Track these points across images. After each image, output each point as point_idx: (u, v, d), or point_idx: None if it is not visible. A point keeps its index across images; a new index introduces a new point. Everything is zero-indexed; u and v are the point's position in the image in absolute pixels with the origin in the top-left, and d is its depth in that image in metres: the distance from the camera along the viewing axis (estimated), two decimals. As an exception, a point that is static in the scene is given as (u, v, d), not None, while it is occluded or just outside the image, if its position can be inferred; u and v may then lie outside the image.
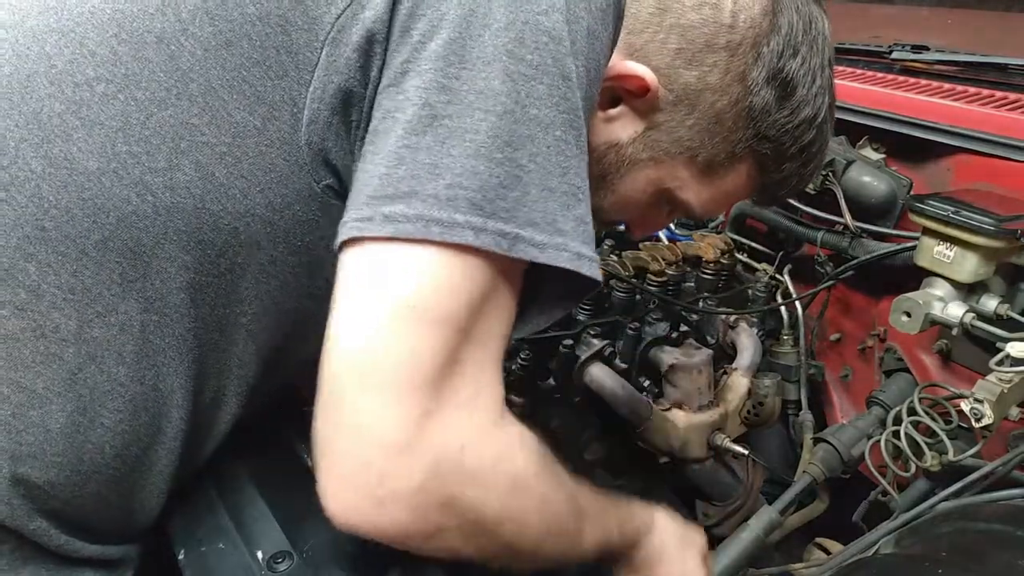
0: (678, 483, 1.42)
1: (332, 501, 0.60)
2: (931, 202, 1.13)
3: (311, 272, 0.72)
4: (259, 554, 0.80)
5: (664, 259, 1.41)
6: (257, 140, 0.64)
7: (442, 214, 0.56)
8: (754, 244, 1.64)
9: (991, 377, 1.01)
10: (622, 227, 1.74)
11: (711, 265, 1.47)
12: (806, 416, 1.42)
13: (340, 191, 0.67)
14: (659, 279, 1.39)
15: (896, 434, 1.08)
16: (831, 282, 1.44)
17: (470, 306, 0.58)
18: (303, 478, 0.92)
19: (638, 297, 1.39)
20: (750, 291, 1.52)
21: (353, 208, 0.59)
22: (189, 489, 0.89)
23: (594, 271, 0.63)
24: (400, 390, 0.56)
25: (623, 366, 1.31)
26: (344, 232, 0.59)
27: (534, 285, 0.66)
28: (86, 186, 0.62)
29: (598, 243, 1.69)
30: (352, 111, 0.64)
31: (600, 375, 1.26)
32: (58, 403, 0.65)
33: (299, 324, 0.75)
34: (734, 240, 1.58)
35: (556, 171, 0.61)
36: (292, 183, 0.66)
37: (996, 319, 1.13)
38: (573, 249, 0.61)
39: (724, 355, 1.45)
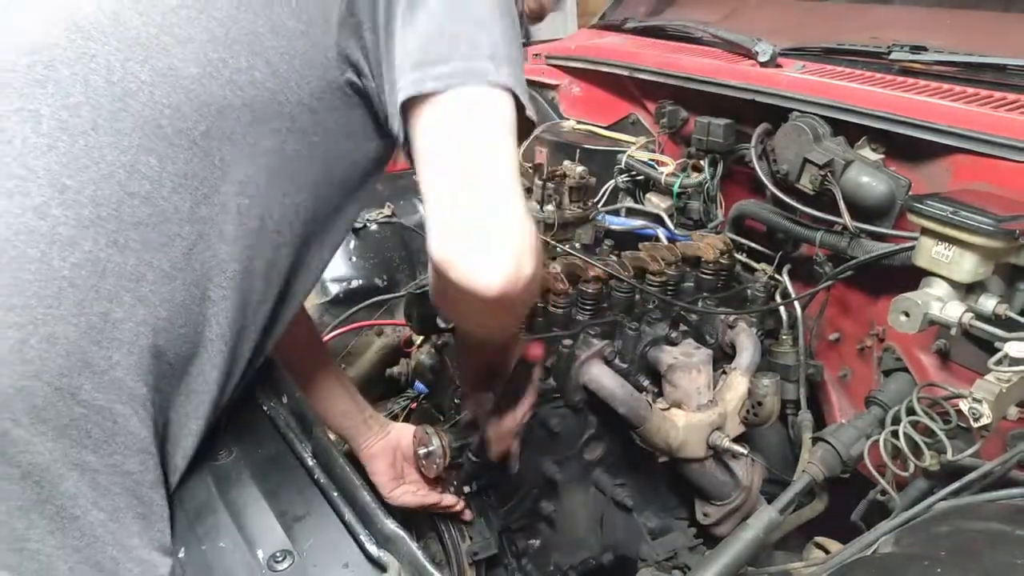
0: (677, 483, 1.43)
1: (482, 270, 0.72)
2: (930, 202, 1.14)
3: (335, 166, 0.87)
4: (259, 553, 0.80)
5: (663, 259, 1.41)
6: (303, 42, 0.79)
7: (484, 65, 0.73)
8: (753, 244, 1.64)
9: (989, 377, 1.02)
10: (618, 226, 1.74)
11: (710, 265, 1.47)
12: (805, 416, 1.42)
13: (358, 84, 0.83)
14: (659, 279, 1.39)
15: (895, 434, 1.08)
16: (830, 282, 1.44)
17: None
18: (303, 478, 0.93)
19: (638, 297, 1.39)
20: (749, 291, 1.52)
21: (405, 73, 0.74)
22: (190, 487, 0.89)
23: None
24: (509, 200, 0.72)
25: (623, 366, 1.31)
26: (411, 89, 0.73)
27: None
28: (191, 88, 0.76)
29: (597, 243, 1.70)
30: (363, 19, 0.79)
31: (599, 375, 1.26)
32: (180, 278, 0.77)
33: (320, 220, 0.90)
34: (733, 240, 1.58)
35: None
36: (327, 75, 0.81)
37: (995, 319, 1.14)
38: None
39: (723, 355, 1.45)
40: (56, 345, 0.70)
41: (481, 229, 0.71)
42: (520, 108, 0.76)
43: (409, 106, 0.75)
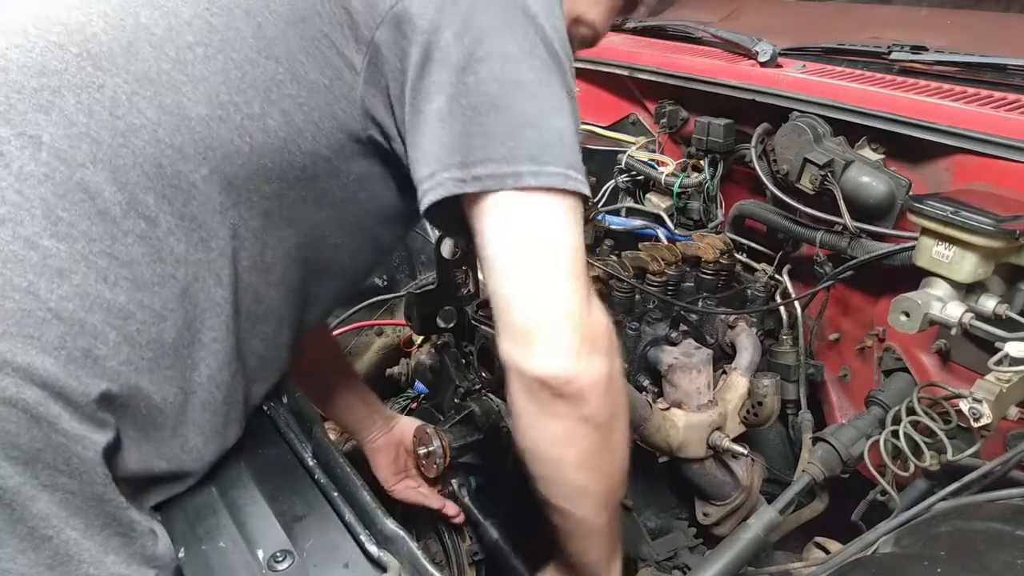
0: (678, 483, 1.43)
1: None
2: (930, 202, 1.13)
3: (347, 210, 0.86)
4: (260, 553, 0.80)
5: (663, 259, 1.41)
6: (326, 96, 0.78)
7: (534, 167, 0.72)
8: (753, 244, 1.64)
9: (990, 377, 1.02)
10: (618, 226, 1.74)
11: (710, 265, 1.47)
12: (805, 416, 1.42)
13: (383, 144, 0.82)
14: (659, 279, 1.39)
15: (895, 434, 1.08)
16: (830, 282, 1.44)
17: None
18: (303, 478, 0.93)
19: (638, 297, 1.39)
20: (749, 291, 1.52)
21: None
22: (189, 487, 0.89)
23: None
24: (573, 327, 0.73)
25: (623, 366, 1.31)
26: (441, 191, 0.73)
27: None
28: (196, 129, 0.74)
29: (597, 243, 1.70)
30: (391, 82, 0.77)
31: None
32: (171, 319, 0.76)
33: (326, 260, 0.89)
34: (733, 240, 1.58)
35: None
36: (347, 129, 0.80)
37: (995, 319, 1.13)
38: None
39: (723, 355, 1.45)
40: (34, 376, 0.68)
41: (551, 317, 0.72)
42: (583, 198, 0.75)
43: (447, 202, 0.74)
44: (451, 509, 1.29)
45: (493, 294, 0.75)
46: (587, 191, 0.75)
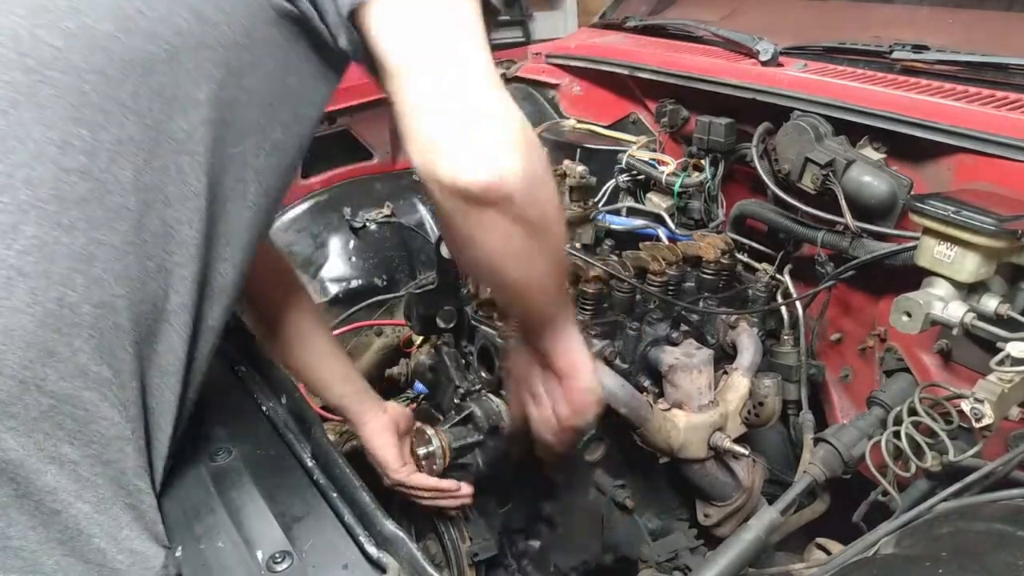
0: (678, 483, 1.42)
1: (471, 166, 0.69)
2: (932, 202, 1.13)
3: (278, 100, 0.83)
4: (258, 554, 0.80)
5: (664, 259, 1.41)
6: None
7: None
8: (754, 244, 1.64)
9: (991, 377, 1.01)
10: (618, 225, 1.74)
11: (711, 265, 1.46)
12: (806, 416, 1.42)
13: (292, 11, 0.78)
14: (659, 279, 1.39)
15: (896, 434, 1.08)
16: (831, 282, 1.44)
17: None
18: (302, 479, 0.93)
19: (638, 297, 1.39)
20: (750, 291, 1.51)
21: None
22: (188, 487, 0.89)
23: None
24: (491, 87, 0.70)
25: (623, 366, 1.31)
26: None
27: None
28: (108, 46, 0.70)
29: (597, 243, 1.69)
30: None
31: (600, 375, 1.25)
32: (133, 252, 0.74)
33: (275, 167, 0.86)
34: (734, 240, 1.58)
35: None
36: (258, 8, 0.77)
37: (996, 319, 1.13)
38: None
39: (724, 355, 1.45)
40: (13, 337, 0.67)
41: (457, 120, 0.68)
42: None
43: (357, 17, 0.72)
44: (466, 488, 1.24)
45: (398, 106, 0.71)
46: None
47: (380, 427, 1.21)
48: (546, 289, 0.87)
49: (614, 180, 1.86)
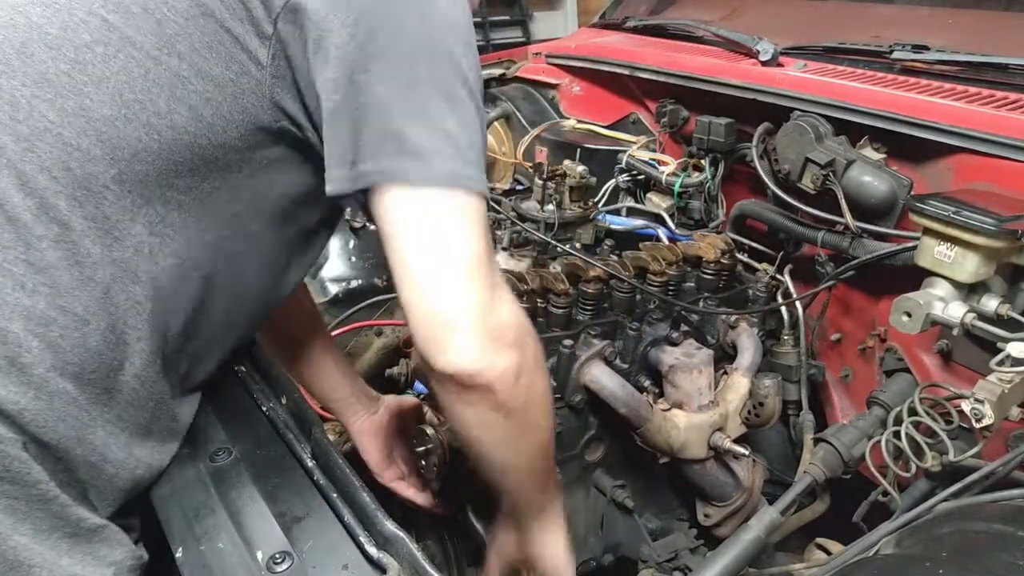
0: (678, 484, 1.42)
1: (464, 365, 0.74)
2: (932, 202, 1.13)
3: (264, 195, 0.85)
4: (259, 554, 0.80)
5: (664, 259, 1.41)
6: (233, 90, 0.77)
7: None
8: (754, 244, 1.64)
9: (992, 377, 1.01)
10: (618, 225, 1.74)
11: (711, 265, 1.46)
12: (807, 416, 1.42)
13: (296, 134, 0.81)
14: (659, 279, 1.39)
15: (897, 434, 1.08)
16: (831, 282, 1.43)
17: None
18: (303, 479, 0.93)
19: (638, 297, 1.39)
20: (750, 291, 1.51)
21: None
22: (189, 487, 0.89)
23: None
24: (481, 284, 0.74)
25: (623, 366, 1.30)
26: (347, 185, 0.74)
27: None
28: (103, 130, 0.73)
29: (597, 243, 1.69)
30: (297, 75, 0.77)
31: (600, 375, 1.25)
32: (95, 323, 0.76)
33: (252, 248, 0.88)
34: (734, 240, 1.58)
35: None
36: (258, 121, 0.79)
37: (997, 319, 1.13)
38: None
39: (724, 355, 1.45)
40: None
41: (440, 320, 0.73)
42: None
43: (369, 194, 0.74)
44: (441, 509, 1.28)
45: (398, 292, 0.75)
46: (482, 189, 0.75)
47: (361, 430, 1.26)
48: (531, 472, 0.92)
49: (614, 180, 1.86)
